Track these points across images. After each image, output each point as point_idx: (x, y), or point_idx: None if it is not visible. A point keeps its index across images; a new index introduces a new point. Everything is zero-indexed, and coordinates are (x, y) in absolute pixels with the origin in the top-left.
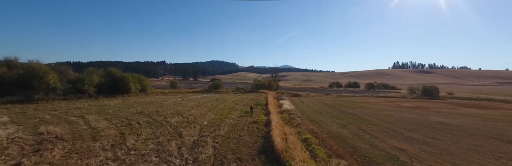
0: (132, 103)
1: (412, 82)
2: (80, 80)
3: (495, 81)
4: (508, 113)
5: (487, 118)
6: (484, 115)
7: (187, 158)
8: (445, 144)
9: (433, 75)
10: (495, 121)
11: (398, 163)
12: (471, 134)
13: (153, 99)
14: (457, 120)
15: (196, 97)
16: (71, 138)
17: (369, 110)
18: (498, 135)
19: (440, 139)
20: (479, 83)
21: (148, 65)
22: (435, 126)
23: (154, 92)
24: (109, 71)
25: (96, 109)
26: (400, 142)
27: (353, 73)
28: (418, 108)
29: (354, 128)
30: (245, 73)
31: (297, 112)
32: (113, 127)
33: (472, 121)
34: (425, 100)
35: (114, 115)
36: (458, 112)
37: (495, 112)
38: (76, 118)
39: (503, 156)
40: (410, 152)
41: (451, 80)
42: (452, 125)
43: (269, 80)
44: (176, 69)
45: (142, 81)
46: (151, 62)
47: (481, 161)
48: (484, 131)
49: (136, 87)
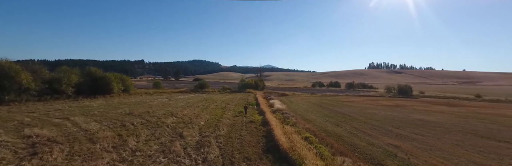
0: (117, 104)
1: (385, 82)
2: (57, 80)
3: (455, 81)
4: (473, 110)
5: (458, 115)
6: (454, 112)
7: (196, 158)
8: (431, 140)
9: (404, 75)
10: (466, 117)
11: (397, 159)
12: (451, 130)
13: (138, 99)
14: (434, 117)
15: (183, 97)
16: (66, 141)
17: (355, 108)
18: (472, 130)
19: (426, 135)
20: (442, 82)
21: (125, 64)
22: (417, 123)
23: (138, 92)
24: (89, 70)
25: (79, 110)
26: (392, 139)
27: (332, 73)
28: (397, 106)
29: (347, 126)
30: (228, 73)
31: (290, 111)
32: (107, 129)
33: (447, 118)
34: (401, 99)
35: (102, 117)
36: (432, 109)
37: (463, 109)
38: (61, 120)
39: (483, 150)
40: (404, 149)
41: (419, 80)
42: (432, 122)
43: (255, 80)
44: (156, 68)
45: (125, 81)
46: (128, 61)
47: (467, 155)
48: (460, 127)
49: (119, 87)
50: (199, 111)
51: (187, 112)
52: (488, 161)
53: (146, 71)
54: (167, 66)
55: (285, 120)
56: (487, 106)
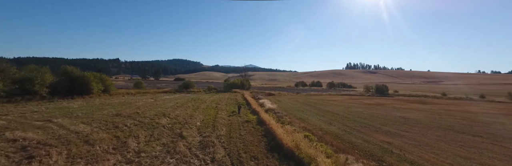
0: (99, 105)
1: (362, 81)
2: (29, 80)
3: (422, 81)
4: (443, 107)
5: (432, 112)
6: (428, 109)
7: (204, 159)
8: (417, 136)
9: (378, 75)
10: (439, 114)
11: (394, 155)
12: (431, 127)
13: (121, 100)
14: (413, 115)
15: (169, 97)
16: (59, 143)
17: (341, 107)
18: (449, 126)
19: (411, 132)
20: (411, 81)
21: (98, 63)
22: (400, 120)
23: (119, 92)
24: (65, 70)
25: (59, 112)
26: (384, 136)
27: (313, 73)
28: (378, 104)
29: (339, 124)
30: (210, 73)
31: (282, 111)
32: (100, 131)
33: (423, 115)
34: (379, 97)
35: (89, 118)
36: (409, 107)
37: (434, 107)
38: (43, 123)
39: (463, 144)
40: (397, 145)
41: (391, 79)
42: (412, 119)
43: (241, 80)
44: (133, 67)
45: (105, 81)
46: (101, 60)
47: (451, 150)
48: (437, 124)
49: (99, 87)
50: (191, 111)
51: (179, 113)
52: (471, 154)
53: (122, 71)
54: (146, 65)
55: (280, 119)
56: (453, 103)
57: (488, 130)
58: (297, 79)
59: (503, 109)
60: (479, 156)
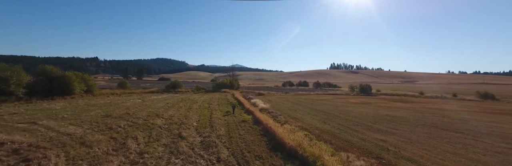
0: (84, 106)
1: (345, 81)
2: (4, 80)
3: (399, 80)
4: (423, 106)
5: (415, 110)
6: (410, 107)
7: (210, 158)
8: (407, 134)
9: (360, 75)
10: (421, 112)
11: (391, 153)
12: (416, 124)
13: (107, 100)
14: (398, 113)
15: (157, 98)
16: (53, 146)
17: (331, 106)
18: (432, 123)
19: (400, 129)
20: (390, 81)
21: (75, 62)
22: (388, 118)
23: (103, 92)
24: (43, 69)
25: (41, 114)
26: (377, 134)
27: (299, 73)
28: (364, 103)
29: (333, 123)
30: (196, 72)
31: (276, 110)
32: (94, 132)
33: (408, 113)
34: (364, 97)
35: (77, 120)
36: (393, 106)
37: (415, 105)
38: (27, 125)
39: (449, 140)
40: (391, 142)
41: (371, 79)
42: (398, 117)
43: (230, 80)
44: (113, 67)
45: (88, 81)
46: (78, 59)
47: (440, 146)
48: (422, 121)
49: (81, 87)
50: (184, 111)
51: (173, 113)
52: (457, 150)
53: (101, 70)
54: (127, 64)
55: (275, 118)
56: (431, 102)
57: (467, 127)
58: (283, 79)
59: (475, 107)
60: (465, 152)
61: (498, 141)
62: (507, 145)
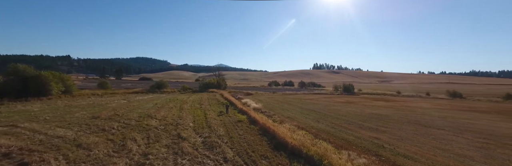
0: (65, 107)
1: (327, 81)
2: None
3: (377, 80)
4: (403, 104)
5: (397, 109)
6: (392, 106)
7: (216, 159)
8: (396, 131)
9: (341, 75)
10: (402, 110)
11: (387, 150)
12: (402, 122)
13: (89, 101)
14: (383, 111)
15: (143, 98)
16: (47, 149)
17: (319, 105)
18: (415, 121)
19: (389, 127)
20: (368, 81)
21: (43, 60)
22: (375, 117)
23: (83, 93)
24: (15, 68)
25: (19, 116)
26: (370, 132)
27: (283, 73)
28: (349, 102)
29: (327, 122)
30: (179, 72)
31: (268, 110)
32: (86, 134)
33: (391, 112)
34: (348, 96)
35: (63, 122)
36: (376, 104)
37: (396, 104)
38: (8, 128)
39: (435, 137)
40: (384, 140)
41: (351, 79)
42: (384, 115)
43: (217, 79)
44: (88, 66)
45: (66, 81)
46: (47, 57)
47: (428, 142)
48: (406, 119)
49: (59, 87)
50: (176, 112)
51: (165, 114)
52: (444, 146)
53: (74, 69)
54: (105, 63)
55: (270, 118)
56: (408, 100)
57: (446, 124)
58: (268, 79)
59: (447, 105)
60: (451, 147)
61: (476, 137)
62: (484, 140)
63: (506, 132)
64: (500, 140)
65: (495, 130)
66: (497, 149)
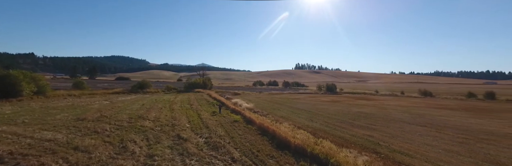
0: (41, 109)
1: (309, 80)
2: None
3: (354, 80)
4: (383, 102)
5: (379, 107)
6: (374, 105)
7: (224, 159)
8: (385, 129)
9: (321, 75)
10: (385, 108)
11: (383, 147)
12: (387, 120)
13: (67, 102)
14: (367, 110)
15: (126, 99)
16: (42, 153)
17: (308, 105)
18: (399, 118)
19: (377, 125)
20: (347, 81)
21: (3, 58)
22: (361, 115)
23: (57, 94)
24: None
25: None
26: (362, 130)
27: (266, 73)
28: (334, 101)
29: (320, 121)
30: (159, 72)
31: (261, 110)
32: (78, 137)
33: (375, 110)
34: (331, 95)
35: (46, 125)
36: (359, 103)
37: (377, 102)
38: None
39: (421, 133)
40: (377, 137)
41: (332, 79)
42: (369, 114)
43: (203, 79)
44: (55, 64)
45: (38, 80)
46: (7, 54)
47: (416, 139)
48: (390, 117)
49: (30, 88)
50: (168, 113)
51: (156, 115)
52: (431, 142)
53: (39, 68)
54: (75, 62)
55: (264, 118)
56: (387, 99)
57: (426, 121)
58: (251, 79)
59: (422, 103)
60: (438, 143)
61: (455, 133)
62: (464, 135)
63: (477, 128)
64: (475, 135)
65: (469, 126)
66: (476, 143)
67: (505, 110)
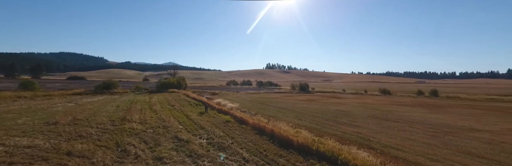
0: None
1: (280, 80)
2: None
3: (321, 79)
4: (353, 100)
5: (353, 105)
6: (347, 103)
7: (236, 159)
8: (366, 125)
9: (291, 74)
10: (356, 106)
11: (374, 143)
12: (364, 117)
13: (21, 106)
14: (343, 108)
15: (93, 100)
16: (30, 160)
17: (288, 104)
18: (373, 115)
19: (358, 122)
20: (315, 80)
21: None
22: (341, 113)
23: (4, 96)
24: None
25: None
26: (349, 127)
27: (237, 72)
28: (310, 100)
29: (308, 119)
30: (120, 70)
31: (248, 110)
32: (63, 142)
33: (350, 108)
34: (305, 94)
35: (14, 130)
36: (334, 102)
37: (347, 100)
38: None
39: (398, 128)
40: (366, 134)
41: (301, 78)
42: (346, 111)
43: (177, 79)
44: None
45: None
46: None
47: (397, 134)
48: (365, 114)
49: None
50: (152, 114)
51: (141, 116)
52: (410, 136)
53: None
54: (11, 59)
55: (253, 117)
56: (355, 97)
57: (396, 117)
58: (223, 78)
59: (385, 100)
60: (416, 137)
61: (424, 127)
62: (432, 129)
63: (438, 122)
64: (440, 128)
65: (431, 121)
66: (445, 136)
67: (449, 105)
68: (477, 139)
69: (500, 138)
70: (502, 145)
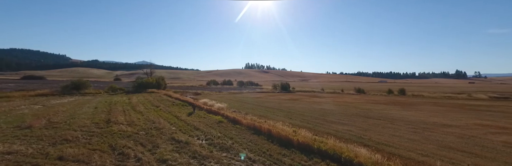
0: None
1: (259, 79)
2: None
3: (298, 79)
4: (333, 100)
5: (334, 104)
6: (328, 102)
7: (243, 160)
8: (354, 123)
9: (270, 74)
10: (338, 105)
11: (367, 140)
12: (348, 115)
13: None
14: (326, 106)
15: (63, 102)
16: None
17: (274, 103)
18: (355, 114)
19: (344, 120)
20: (293, 80)
21: None
22: (326, 112)
23: None
24: None
25: None
26: (339, 126)
27: (216, 72)
28: (293, 99)
29: (298, 119)
30: (86, 69)
31: (238, 110)
32: (49, 147)
33: (333, 107)
34: (287, 93)
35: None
36: (316, 101)
37: (328, 99)
38: None
39: (383, 126)
40: (356, 132)
41: (279, 78)
42: (330, 110)
43: (156, 78)
44: None
45: None
46: None
47: (383, 131)
48: (349, 112)
49: None
50: (138, 115)
51: (126, 118)
52: (395, 133)
53: None
54: None
55: (245, 117)
56: (333, 96)
57: (376, 115)
58: (201, 78)
59: (361, 99)
60: (400, 134)
61: (404, 124)
62: (411, 126)
63: (414, 119)
64: (417, 125)
65: (407, 118)
66: (424, 132)
67: (417, 103)
68: (451, 133)
69: (468, 132)
70: (472, 138)
